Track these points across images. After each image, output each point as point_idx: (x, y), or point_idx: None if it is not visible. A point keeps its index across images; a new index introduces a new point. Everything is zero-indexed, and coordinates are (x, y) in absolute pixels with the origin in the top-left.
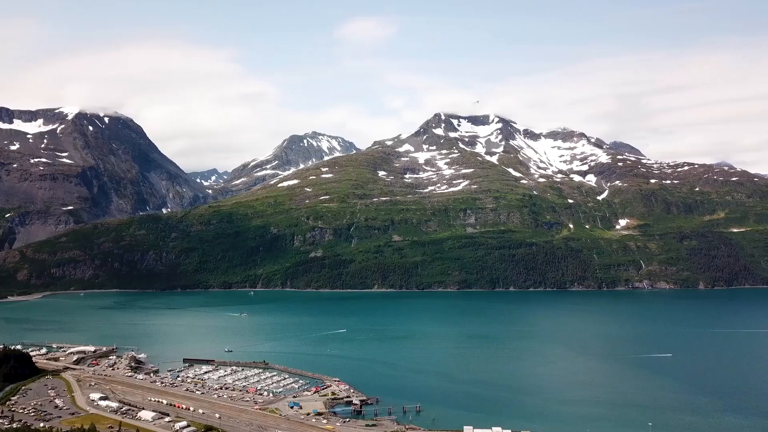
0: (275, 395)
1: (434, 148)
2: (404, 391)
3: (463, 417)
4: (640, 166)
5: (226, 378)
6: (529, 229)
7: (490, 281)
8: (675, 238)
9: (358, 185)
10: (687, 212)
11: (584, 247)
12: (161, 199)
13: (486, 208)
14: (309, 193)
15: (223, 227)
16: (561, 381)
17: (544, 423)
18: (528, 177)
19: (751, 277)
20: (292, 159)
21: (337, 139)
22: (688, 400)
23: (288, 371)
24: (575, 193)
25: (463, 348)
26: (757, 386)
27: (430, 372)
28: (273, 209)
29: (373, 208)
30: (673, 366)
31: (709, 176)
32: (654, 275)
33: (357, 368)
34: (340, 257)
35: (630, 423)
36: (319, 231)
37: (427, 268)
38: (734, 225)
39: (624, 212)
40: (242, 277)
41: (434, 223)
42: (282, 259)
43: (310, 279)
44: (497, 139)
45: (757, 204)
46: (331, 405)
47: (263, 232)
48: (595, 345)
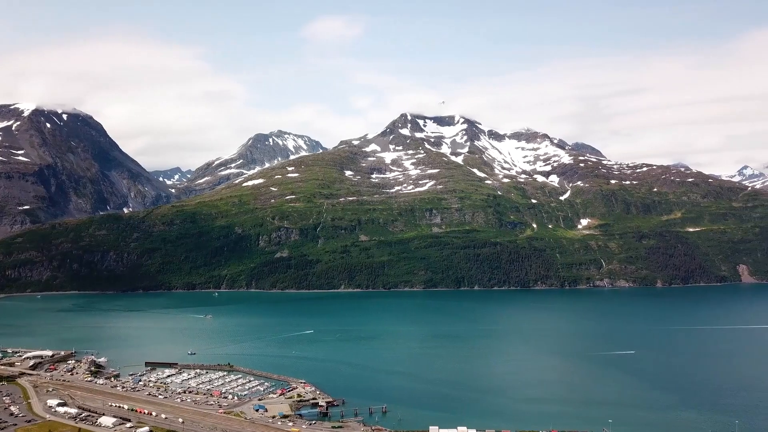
0: (240, 398)
1: (400, 148)
2: (370, 391)
3: (429, 417)
4: (601, 167)
5: (189, 381)
6: (494, 228)
7: (456, 280)
8: (634, 238)
9: (325, 185)
10: (645, 212)
11: (547, 247)
12: (122, 198)
13: (451, 208)
14: (274, 193)
15: (186, 227)
16: (525, 379)
17: (507, 421)
18: (492, 177)
19: (705, 275)
20: (257, 158)
21: (303, 138)
22: (647, 396)
23: (253, 373)
24: (538, 194)
25: (428, 347)
26: (712, 382)
27: (396, 372)
28: (238, 209)
29: (340, 207)
30: (635, 363)
31: (667, 177)
32: (614, 274)
33: (323, 369)
34: (307, 257)
35: (591, 420)
36: (285, 231)
37: (394, 268)
38: (690, 225)
39: (585, 212)
40: (206, 278)
41: (401, 223)
42: (247, 260)
43: (275, 279)
44: (462, 140)
45: (711, 204)
46: (297, 407)
47: (228, 232)
48: (559, 343)
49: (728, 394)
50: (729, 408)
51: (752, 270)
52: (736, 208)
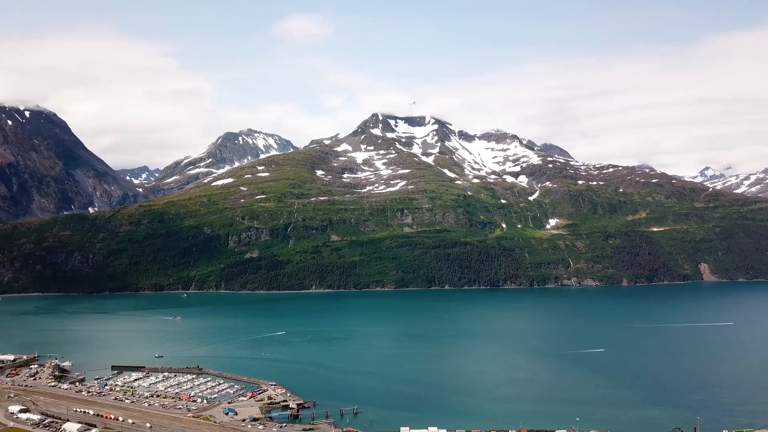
0: (209, 402)
1: (372, 148)
2: (341, 393)
3: (400, 418)
4: (569, 168)
5: (157, 385)
6: (464, 228)
7: (426, 280)
8: (600, 237)
9: (296, 184)
10: (611, 212)
11: (516, 246)
12: (88, 197)
13: (422, 208)
14: (244, 192)
15: (154, 227)
16: (495, 379)
17: (478, 421)
18: (463, 178)
19: (669, 274)
20: (226, 157)
21: (273, 137)
22: (614, 394)
23: (223, 376)
24: (508, 194)
25: (400, 348)
26: (675, 379)
27: (368, 373)
28: (207, 209)
29: (311, 207)
30: (605, 361)
31: (632, 178)
32: (581, 273)
33: (294, 371)
34: (277, 258)
35: (559, 418)
36: (255, 231)
37: (365, 268)
38: (654, 224)
39: (554, 212)
40: (174, 279)
41: (372, 222)
42: (216, 260)
43: (245, 280)
44: (433, 140)
45: (675, 205)
46: (268, 410)
47: (196, 233)
48: (530, 342)
49: (690, 390)
50: (691, 404)
51: (713, 268)
52: (698, 208)
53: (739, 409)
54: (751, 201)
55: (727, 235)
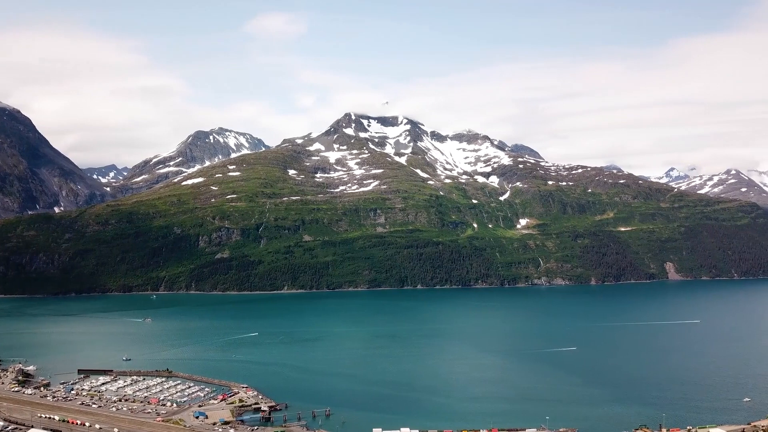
0: (179, 405)
1: (345, 147)
2: (314, 395)
3: (372, 419)
4: (539, 169)
5: (125, 389)
6: (436, 228)
7: (399, 280)
8: (570, 237)
9: (267, 184)
10: (580, 212)
11: (487, 246)
12: (53, 197)
13: (395, 208)
14: (215, 192)
15: (122, 227)
16: (467, 378)
17: (450, 421)
18: (435, 178)
19: (635, 273)
20: (197, 156)
21: (245, 136)
22: (583, 392)
23: (193, 379)
24: (479, 194)
25: (372, 348)
26: (642, 376)
27: (340, 374)
28: (177, 208)
29: (283, 207)
30: (577, 359)
31: (600, 179)
32: (551, 272)
33: (265, 373)
34: (248, 258)
35: (530, 417)
36: (226, 231)
37: (338, 268)
38: (621, 224)
39: (524, 212)
40: (143, 279)
41: (345, 222)
42: (186, 261)
43: (216, 281)
44: (406, 141)
45: (641, 205)
46: (239, 413)
47: (166, 233)
48: (502, 342)
49: (657, 387)
50: (657, 401)
51: (678, 267)
52: (664, 208)
53: (703, 406)
54: (714, 201)
55: (691, 234)
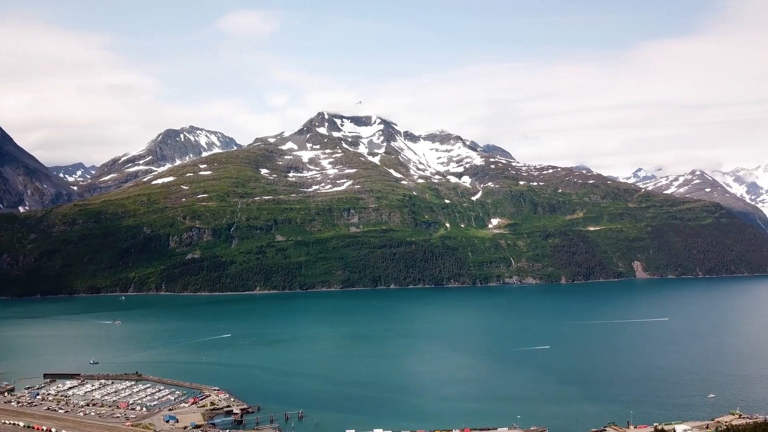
0: (149, 409)
1: (318, 147)
2: (286, 396)
3: (346, 420)
4: (511, 169)
5: (93, 393)
6: (409, 228)
7: (373, 279)
8: (540, 237)
9: (239, 183)
10: (551, 212)
11: (460, 246)
12: (17, 196)
13: (369, 208)
14: (186, 191)
15: (90, 227)
16: (440, 378)
17: (423, 421)
18: (408, 178)
19: (604, 272)
20: (167, 154)
21: (216, 135)
22: (554, 390)
23: (163, 382)
24: (452, 194)
25: (345, 349)
26: (610, 374)
27: (313, 375)
28: (146, 208)
29: (255, 207)
30: (550, 357)
31: (570, 179)
32: (522, 271)
33: (237, 375)
34: (220, 259)
35: (502, 416)
36: (197, 231)
37: (311, 268)
38: (591, 224)
39: (496, 212)
40: (112, 281)
41: (318, 222)
42: (156, 262)
43: (186, 282)
44: (379, 140)
45: (610, 205)
46: (210, 416)
47: (135, 233)
48: (475, 341)
49: (625, 385)
50: (625, 399)
51: (645, 266)
52: (632, 208)
53: (669, 403)
54: (680, 201)
55: (658, 234)
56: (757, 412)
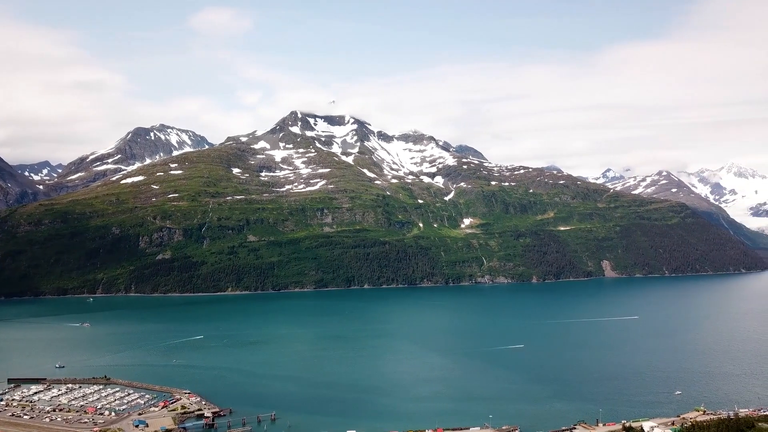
0: (118, 414)
1: (291, 146)
2: (259, 399)
3: (319, 422)
4: (483, 169)
5: (60, 398)
6: (383, 228)
7: (346, 279)
8: (512, 236)
9: (211, 183)
10: (522, 212)
11: (433, 245)
12: None
13: (342, 208)
14: (156, 191)
15: (57, 227)
16: (413, 378)
17: (395, 422)
18: (381, 178)
19: (574, 271)
20: (137, 153)
21: (187, 133)
22: (526, 389)
23: (132, 386)
24: (425, 194)
25: (318, 350)
26: (581, 372)
27: (286, 377)
28: (115, 208)
29: (227, 207)
30: (522, 357)
31: (541, 179)
32: (494, 271)
33: (209, 378)
34: (191, 259)
35: (474, 415)
36: (168, 231)
37: (284, 269)
38: (561, 224)
39: (468, 212)
40: (80, 282)
41: (291, 222)
42: (126, 262)
43: (157, 283)
44: (353, 140)
45: (580, 205)
46: (181, 420)
47: (104, 233)
48: (449, 340)
49: (595, 383)
50: (595, 397)
51: (614, 265)
52: (601, 208)
53: (638, 400)
54: (647, 202)
55: (626, 233)
56: (721, 408)
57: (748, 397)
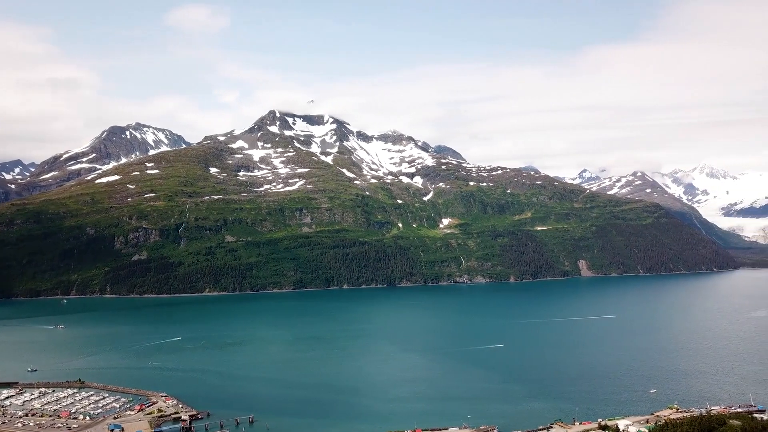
0: (93, 418)
1: (269, 145)
2: (237, 401)
3: (298, 425)
4: (461, 170)
5: (32, 402)
6: (362, 228)
7: (325, 280)
8: (490, 236)
9: (188, 182)
10: (500, 212)
11: (412, 245)
12: None
13: (321, 208)
14: (132, 191)
15: (29, 227)
16: (392, 379)
17: (374, 423)
18: (361, 178)
19: (551, 270)
20: (112, 152)
21: (164, 132)
22: (505, 389)
23: (108, 389)
24: (404, 194)
25: (296, 351)
26: (561, 371)
27: (264, 379)
28: (90, 208)
29: (204, 207)
30: (501, 356)
31: (519, 180)
32: (472, 270)
33: (186, 380)
34: (168, 260)
35: (453, 415)
36: (144, 231)
37: (262, 269)
38: (539, 224)
39: (447, 212)
40: (53, 283)
41: (270, 222)
42: (100, 263)
43: (133, 284)
44: (332, 140)
45: (557, 205)
46: (157, 423)
47: (78, 233)
48: (428, 340)
49: (572, 382)
50: (572, 395)
51: (590, 264)
52: (577, 208)
53: (613, 398)
54: (622, 202)
55: (602, 233)
56: (693, 406)
57: (720, 395)
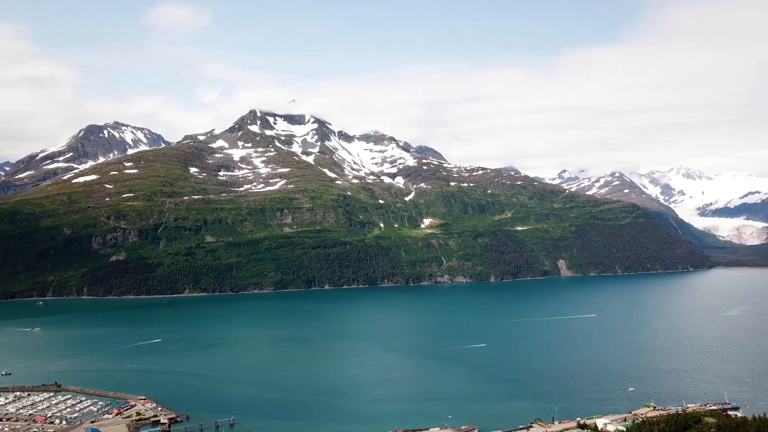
0: (69, 422)
1: (250, 145)
2: (216, 404)
3: (278, 427)
4: (442, 170)
5: (7, 407)
6: (344, 228)
7: (306, 280)
8: (471, 236)
9: (167, 182)
10: (481, 212)
11: (393, 245)
12: None
13: (303, 208)
14: (110, 190)
15: (4, 228)
16: (373, 380)
17: (355, 425)
18: (342, 178)
19: (531, 270)
20: (89, 151)
21: (143, 131)
22: (485, 388)
23: (85, 392)
24: (385, 194)
25: (277, 353)
26: (540, 371)
27: (245, 381)
28: (67, 208)
29: (184, 207)
30: (483, 356)
31: (499, 180)
32: (453, 270)
33: (165, 383)
34: (147, 260)
35: (434, 416)
36: (122, 232)
37: (243, 270)
38: (519, 224)
39: (428, 212)
40: (29, 284)
41: (250, 222)
42: (78, 264)
43: (111, 285)
44: (313, 140)
45: (537, 205)
46: (136, 427)
47: (54, 234)
48: (410, 340)
49: (551, 381)
50: (551, 395)
51: (569, 264)
52: (557, 208)
53: (592, 397)
54: (601, 202)
55: (581, 233)
56: (670, 404)
57: (696, 393)
